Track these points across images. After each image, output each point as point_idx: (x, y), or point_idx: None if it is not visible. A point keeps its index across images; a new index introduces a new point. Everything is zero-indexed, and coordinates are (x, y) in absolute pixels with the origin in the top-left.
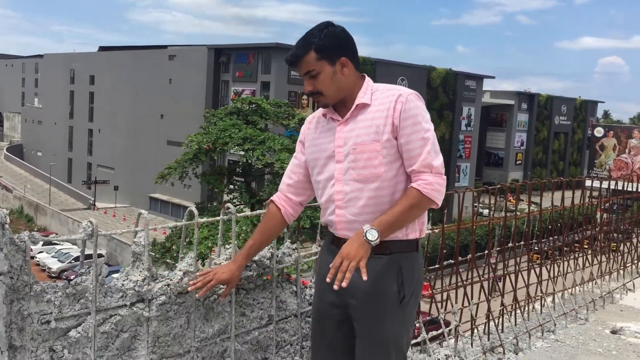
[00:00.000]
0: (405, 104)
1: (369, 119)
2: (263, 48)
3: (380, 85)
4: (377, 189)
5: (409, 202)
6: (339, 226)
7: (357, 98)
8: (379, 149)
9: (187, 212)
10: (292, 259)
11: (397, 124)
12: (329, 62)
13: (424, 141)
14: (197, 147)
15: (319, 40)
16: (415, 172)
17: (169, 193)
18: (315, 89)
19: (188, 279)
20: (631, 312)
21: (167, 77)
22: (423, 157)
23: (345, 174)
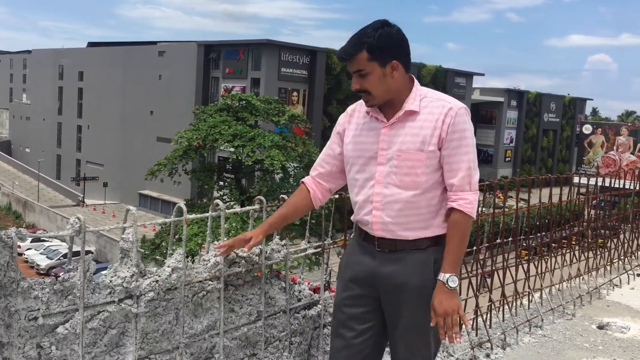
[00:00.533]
0: (454, 118)
1: (416, 127)
2: (253, 44)
3: (429, 91)
4: (415, 196)
5: (461, 230)
6: (375, 227)
7: (405, 103)
8: (423, 159)
9: (176, 208)
10: (281, 255)
11: (444, 137)
12: (379, 63)
13: (467, 156)
14: (187, 143)
15: (373, 40)
16: (455, 187)
17: (158, 190)
18: (364, 88)
19: (177, 275)
20: (617, 307)
21: (156, 73)
22: (464, 173)
23: (386, 177)
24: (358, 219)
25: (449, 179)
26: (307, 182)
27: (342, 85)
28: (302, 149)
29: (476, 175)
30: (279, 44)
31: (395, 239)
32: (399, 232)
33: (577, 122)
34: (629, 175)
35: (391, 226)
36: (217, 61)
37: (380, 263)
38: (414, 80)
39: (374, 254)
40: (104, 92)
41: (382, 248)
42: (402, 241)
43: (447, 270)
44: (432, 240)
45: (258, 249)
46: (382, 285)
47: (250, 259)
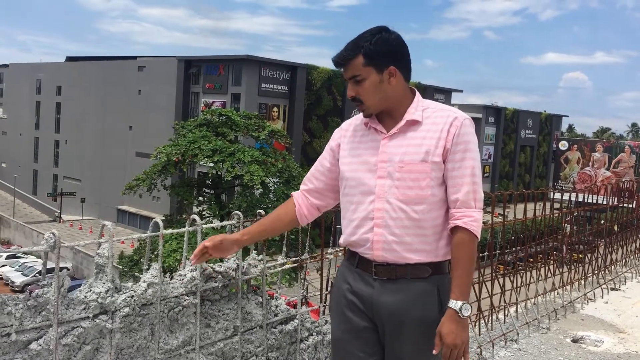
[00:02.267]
0: (460, 129)
1: (419, 137)
2: (233, 60)
3: (430, 103)
4: (420, 211)
5: (469, 251)
6: (376, 246)
7: (407, 113)
8: (428, 171)
9: (152, 223)
10: (258, 270)
11: (449, 148)
12: (376, 69)
13: (471, 170)
14: (166, 158)
15: (369, 45)
16: (460, 203)
17: (137, 205)
18: (358, 95)
19: (153, 290)
20: (591, 321)
21: (136, 88)
22: (469, 188)
23: (388, 191)
24: (354, 239)
25: (452, 194)
26: (295, 195)
27: (323, 101)
28: (282, 164)
29: (480, 192)
30: (260, 59)
31: (394, 265)
32: (403, 252)
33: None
34: (603, 191)
35: (394, 245)
36: (197, 76)
37: (378, 292)
38: (416, 92)
39: (370, 282)
40: (82, 107)
41: (380, 276)
42: (402, 267)
43: (459, 297)
44: (434, 267)
45: (234, 264)
46: (381, 317)
47: (226, 273)
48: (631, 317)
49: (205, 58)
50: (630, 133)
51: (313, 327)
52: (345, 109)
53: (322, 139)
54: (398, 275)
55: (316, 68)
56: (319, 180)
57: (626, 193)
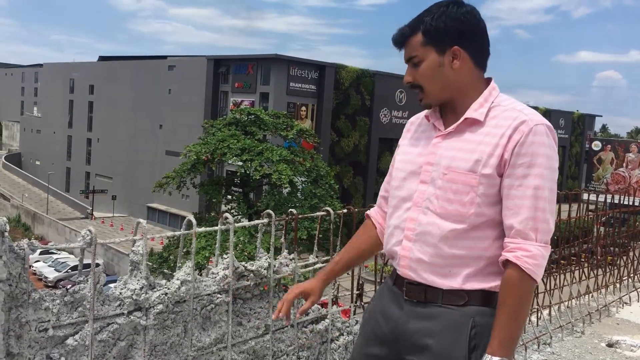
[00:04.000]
0: (526, 136)
1: (475, 141)
2: (262, 59)
3: (505, 99)
4: (459, 231)
5: (518, 294)
6: (403, 262)
7: (469, 109)
8: (474, 184)
9: (186, 221)
10: (289, 269)
11: (508, 159)
12: (436, 49)
13: (534, 192)
14: (195, 157)
15: (431, 20)
16: (515, 231)
17: (166, 203)
18: (416, 80)
19: (186, 288)
20: (627, 325)
21: (166, 87)
22: (531, 215)
23: (426, 200)
24: (387, 250)
25: (507, 219)
26: (372, 214)
27: (351, 100)
28: (310, 164)
29: (548, 223)
30: (288, 58)
31: (424, 285)
32: (431, 276)
33: (586, 139)
34: (638, 192)
35: (423, 265)
36: (226, 75)
37: (406, 317)
38: (491, 82)
39: (401, 304)
40: (114, 106)
41: (410, 297)
42: (434, 289)
43: (496, 350)
44: (473, 295)
45: (266, 263)
46: (404, 346)
47: (258, 272)
48: None
49: (234, 57)
50: None
51: (344, 327)
52: (374, 108)
53: (349, 138)
54: (429, 299)
55: (344, 67)
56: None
57: None
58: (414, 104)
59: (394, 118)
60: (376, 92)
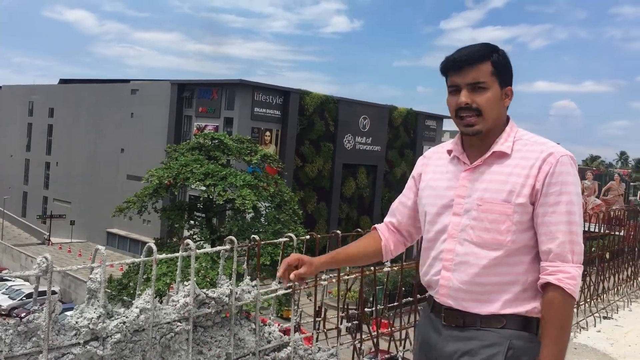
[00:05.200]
0: (555, 166)
1: (505, 173)
2: (227, 84)
3: (525, 134)
4: (496, 259)
5: (562, 313)
6: (442, 291)
7: (495, 143)
8: (510, 213)
9: (146, 248)
10: (251, 296)
11: (539, 189)
12: (499, 83)
13: (568, 217)
14: (157, 181)
15: (498, 55)
16: (553, 255)
17: (127, 228)
18: (476, 104)
19: (145, 316)
20: (584, 350)
21: (129, 111)
22: (567, 238)
23: (462, 231)
24: (426, 280)
25: (544, 244)
26: (380, 228)
27: (315, 126)
28: (274, 189)
29: (581, 245)
30: (253, 84)
31: (464, 312)
32: (470, 303)
33: None
34: (594, 219)
35: (462, 294)
36: (190, 100)
37: (444, 340)
38: (510, 120)
39: (439, 329)
40: (74, 129)
41: (449, 322)
42: (473, 315)
43: None
44: (511, 320)
45: (228, 289)
46: None
47: (220, 299)
48: (624, 346)
49: (199, 82)
50: (619, 161)
51: (306, 354)
52: (338, 134)
53: (314, 163)
54: (467, 323)
55: (309, 93)
56: (402, 213)
57: (616, 221)
58: (377, 131)
59: (358, 144)
60: (340, 118)
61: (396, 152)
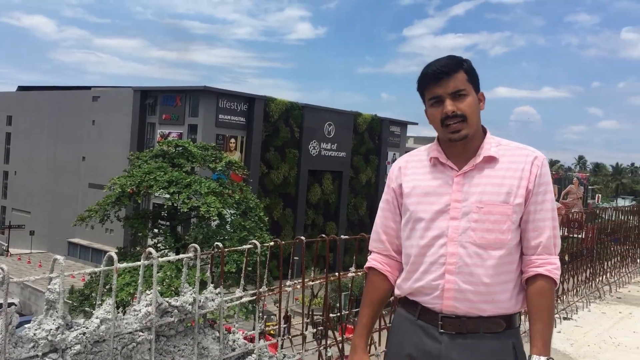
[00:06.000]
0: (541, 169)
1: (499, 176)
2: (190, 91)
3: (501, 140)
4: (500, 258)
5: (551, 301)
6: (447, 295)
7: (482, 149)
8: (509, 213)
9: (106, 257)
10: (215, 304)
11: (531, 189)
12: (474, 89)
13: (552, 213)
14: (120, 190)
15: (467, 64)
16: (542, 248)
17: (89, 238)
18: (461, 111)
19: (105, 326)
20: None
21: (90, 118)
22: (551, 232)
23: (463, 234)
24: (420, 286)
25: (534, 238)
26: (377, 266)
27: (280, 132)
28: (240, 196)
29: (559, 237)
30: (217, 90)
31: (464, 317)
32: (478, 303)
33: None
34: None
35: (470, 295)
36: (153, 107)
37: (447, 348)
38: (486, 128)
39: (437, 337)
40: (33, 137)
41: (448, 329)
42: (474, 320)
43: (542, 351)
44: (508, 320)
45: (191, 298)
46: None
47: (183, 308)
48: (583, 346)
49: (162, 89)
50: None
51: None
52: (303, 140)
53: (279, 170)
54: (469, 329)
55: (274, 100)
56: (392, 235)
57: (575, 224)
58: (342, 137)
59: (323, 150)
60: (305, 124)
61: (361, 158)
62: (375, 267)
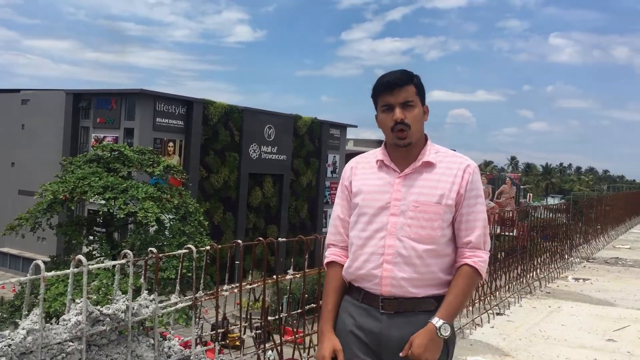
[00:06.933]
0: (472, 175)
1: (434, 179)
2: (126, 94)
3: (440, 148)
4: (430, 251)
5: (468, 283)
6: (385, 282)
7: (422, 154)
8: (441, 213)
9: (32, 265)
10: (149, 311)
11: (463, 193)
12: (421, 101)
13: (482, 215)
14: (52, 196)
15: (417, 79)
16: (472, 245)
17: (19, 247)
18: (408, 120)
19: (32, 337)
20: (479, 345)
21: (19, 122)
22: (481, 231)
23: (400, 229)
24: (361, 274)
25: (465, 237)
26: (336, 259)
27: (220, 136)
28: (178, 200)
29: (488, 237)
30: (154, 93)
31: (401, 298)
32: (410, 288)
33: None
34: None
35: (403, 282)
36: (87, 110)
37: (387, 326)
38: (427, 137)
39: (378, 317)
40: None
41: (387, 310)
42: (409, 300)
43: (444, 316)
44: (439, 299)
45: (124, 305)
46: (388, 352)
47: (115, 316)
48: (515, 340)
49: (96, 92)
50: (510, 166)
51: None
52: (243, 144)
53: (219, 173)
54: (405, 309)
55: (213, 103)
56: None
57: (508, 222)
58: (282, 140)
59: (263, 153)
60: (245, 127)
61: (302, 161)
62: (334, 260)
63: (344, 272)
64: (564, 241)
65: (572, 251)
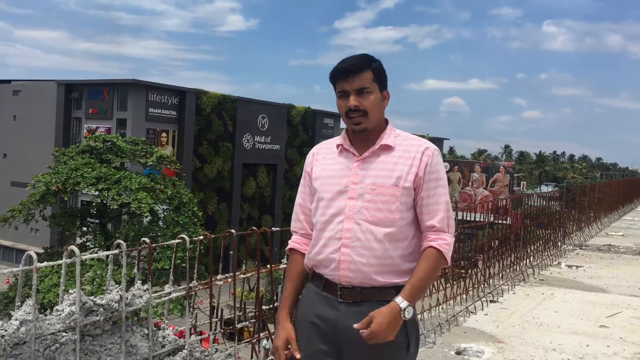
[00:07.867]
0: (432, 158)
1: (391, 162)
2: (118, 84)
3: (401, 132)
4: (388, 234)
5: (433, 265)
6: (342, 266)
7: (380, 138)
8: (398, 195)
9: (25, 256)
10: (143, 301)
11: (421, 176)
12: (379, 87)
13: (444, 198)
14: (44, 187)
15: (375, 64)
16: (435, 229)
17: (13, 238)
18: (363, 106)
19: (26, 328)
20: (473, 332)
21: (11, 113)
22: (444, 214)
23: (358, 212)
24: (320, 258)
25: (427, 220)
26: (297, 247)
27: (213, 126)
28: (172, 191)
29: (453, 219)
30: (147, 84)
31: (360, 287)
32: (370, 274)
33: None
34: (481, 209)
35: (361, 266)
36: (79, 101)
37: (344, 315)
38: (388, 121)
39: (336, 306)
40: None
41: (345, 299)
42: (368, 290)
43: (409, 297)
44: (397, 289)
45: (118, 296)
46: (346, 341)
47: (109, 306)
48: (508, 327)
49: (88, 82)
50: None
51: (203, 356)
52: (237, 134)
53: (213, 164)
54: (363, 298)
55: (206, 93)
56: (307, 214)
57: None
58: (276, 130)
59: (257, 143)
60: (238, 117)
61: (295, 151)
62: (295, 248)
63: (306, 258)
64: (557, 229)
65: (565, 239)
